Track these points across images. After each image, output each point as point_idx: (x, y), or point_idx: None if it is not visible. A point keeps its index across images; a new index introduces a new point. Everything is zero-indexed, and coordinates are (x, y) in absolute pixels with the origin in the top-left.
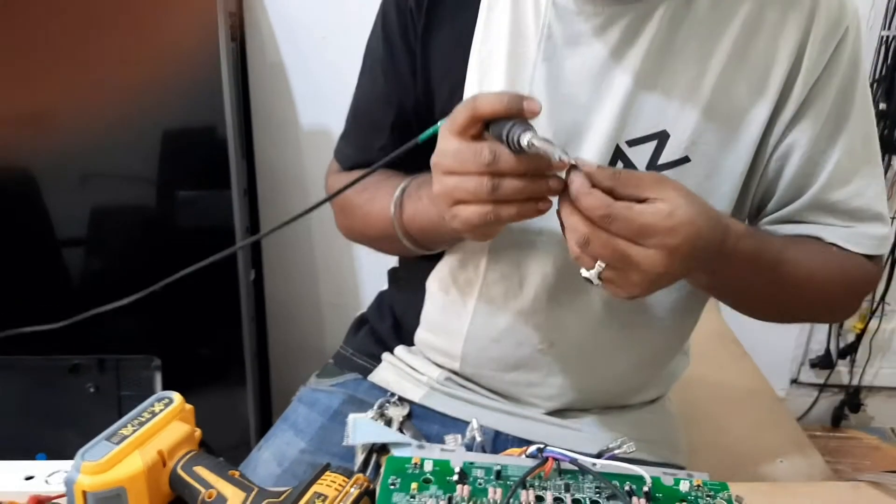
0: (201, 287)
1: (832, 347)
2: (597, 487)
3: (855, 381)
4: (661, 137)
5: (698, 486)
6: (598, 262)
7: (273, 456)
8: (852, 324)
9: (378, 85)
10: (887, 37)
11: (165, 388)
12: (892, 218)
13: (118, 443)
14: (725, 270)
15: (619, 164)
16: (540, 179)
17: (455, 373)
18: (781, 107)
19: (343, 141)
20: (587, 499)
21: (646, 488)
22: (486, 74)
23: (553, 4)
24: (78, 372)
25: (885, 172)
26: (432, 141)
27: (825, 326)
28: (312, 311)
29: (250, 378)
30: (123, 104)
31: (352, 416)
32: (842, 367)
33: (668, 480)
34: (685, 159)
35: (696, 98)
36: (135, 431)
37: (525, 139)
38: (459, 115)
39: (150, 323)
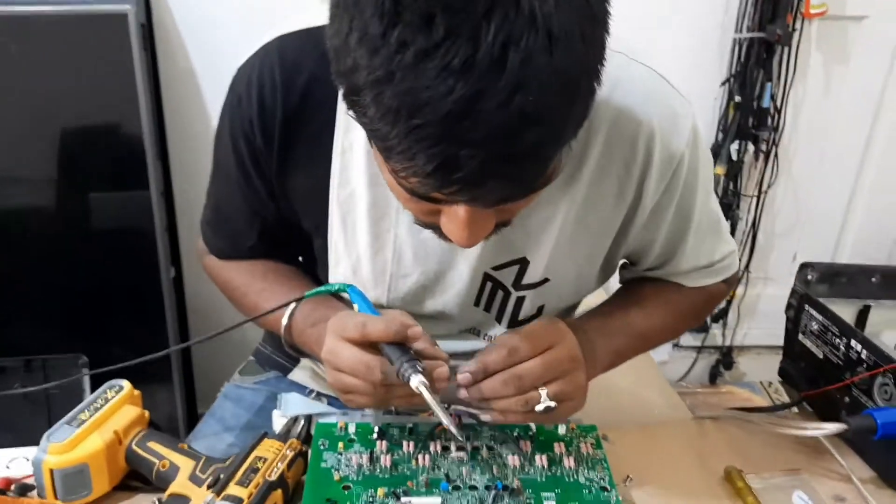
0: (124, 287)
1: None
2: (492, 435)
3: (727, 342)
4: (522, 263)
5: (572, 428)
6: (543, 396)
7: (203, 450)
8: None
9: (237, 199)
10: (739, 39)
11: (94, 384)
12: (756, 196)
13: (78, 426)
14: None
15: (489, 285)
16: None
17: None
18: (626, 227)
19: (210, 230)
20: (484, 445)
21: (531, 433)
22: (349, 216)
23: None
24: (4, 373)
25: (742, 157)
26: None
27: None
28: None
29: (175, 371)
30: (40, 110)
31: (283, 395)
32: (716, 330)
33: (549, 426)
34: (546, 280)
35: (548, 233)
36: (92, 416)
37: (414, 383)
38: (350, 330)
39: (75, 322)
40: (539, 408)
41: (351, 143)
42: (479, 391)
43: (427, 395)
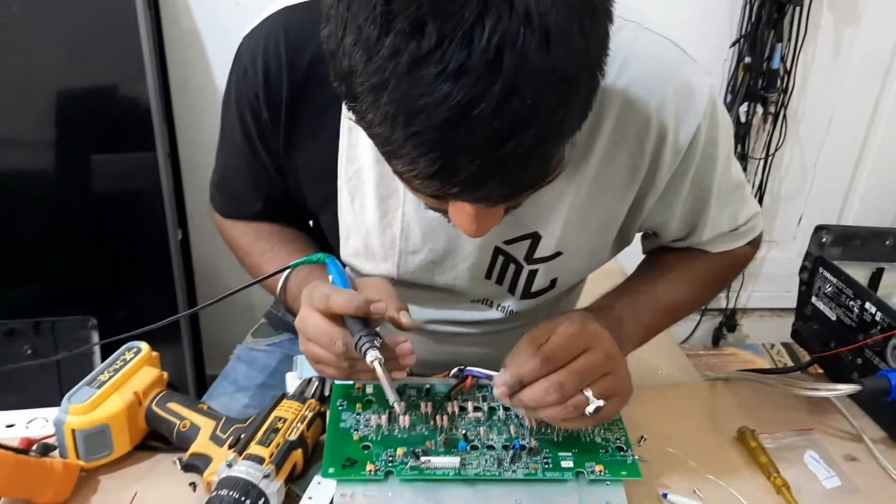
0: (132, 249)
1: None
2: None
3: (731, 305)
4: (534, 237)
5: None
6: (590, 397)
7: (218, 410)
8: None
9: (244, 168)
10: None
11: (103, 347)
12: (763, 159)
13: (99, 387)
14: (642, 334)
15: (500, 258)
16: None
17: None
18: (641, 199)
19: (217, 194)
20: (500, 406)
21: None
22: (357, 193)
23: None
24: (14, 335)
25: (750, 118)
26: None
27: None
28: (238, 266)
29: (185, 334)
30: (43, 71)
31: (298, 357)
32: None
33: None
34: (558, 254)
35: (560, 208)
36: (112, 377)
37: (369, 357)
38: (318, 299)
39: (84, 285)
40: (589, 410)
41: None
42: (521, 401)
43: (379, 371)
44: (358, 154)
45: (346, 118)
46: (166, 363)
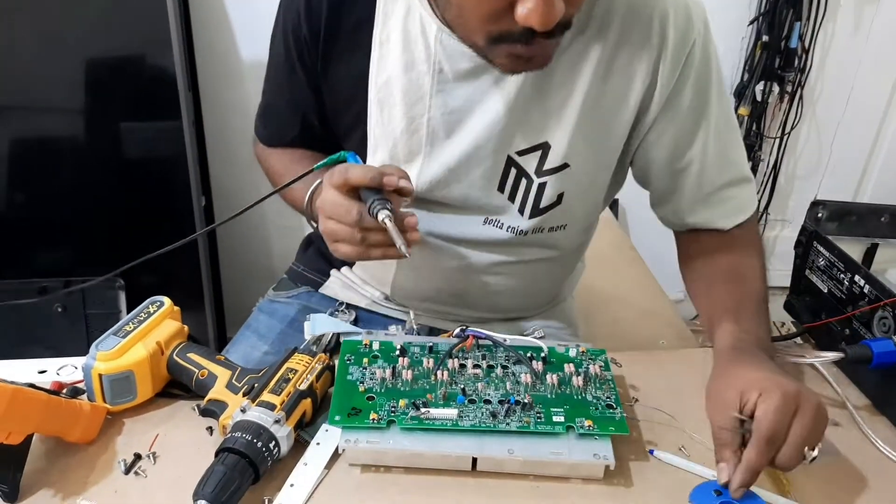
0: (157, 215)
1: None
2: (506, 356)
3: None
4: (544, 148)
5: (583, 352)
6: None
7: (240, 358)
8: None
9: (284, 91)
10: None
11: (129, 306)
12: (779, 138)
13: (124, 336)
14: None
15: (513, 171)
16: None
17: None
18: (642, 115)
19: (260, 122)
20: (498, 364)
21: (543, 354)
22: (386, 103)
23: (441, 43)
24: (45, 293)
25: (767, 97)
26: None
27: None
28: (260, 232)
29: (207, 295)
30: (71, 41)
31: (311, 315)
32: None
33: (560, 349)
34: (565, 165)
35: (567, 115)
36: (136, 327)
37: (381, 216)
38: (336, 176)
39: (112, 247)
40: (806, 463)
41: (388, 34)
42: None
43: (389, 225)
44: (387, 65)
45: (378, 34)
46: (188, 325)
